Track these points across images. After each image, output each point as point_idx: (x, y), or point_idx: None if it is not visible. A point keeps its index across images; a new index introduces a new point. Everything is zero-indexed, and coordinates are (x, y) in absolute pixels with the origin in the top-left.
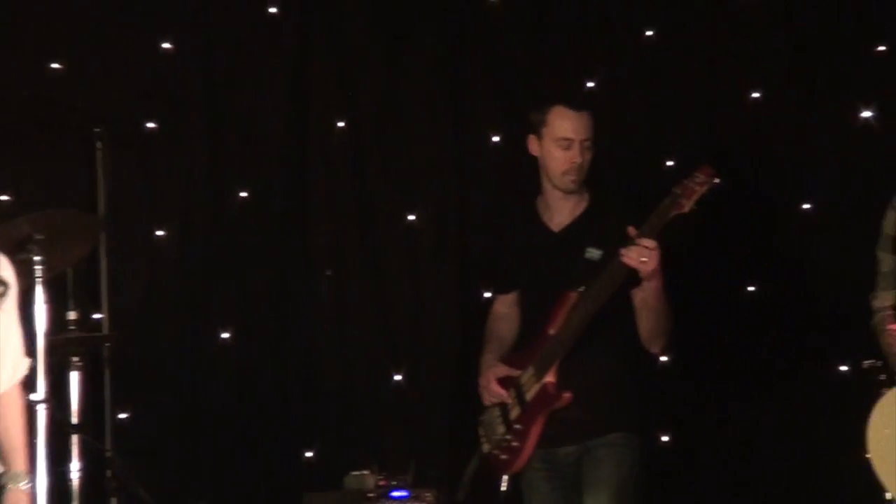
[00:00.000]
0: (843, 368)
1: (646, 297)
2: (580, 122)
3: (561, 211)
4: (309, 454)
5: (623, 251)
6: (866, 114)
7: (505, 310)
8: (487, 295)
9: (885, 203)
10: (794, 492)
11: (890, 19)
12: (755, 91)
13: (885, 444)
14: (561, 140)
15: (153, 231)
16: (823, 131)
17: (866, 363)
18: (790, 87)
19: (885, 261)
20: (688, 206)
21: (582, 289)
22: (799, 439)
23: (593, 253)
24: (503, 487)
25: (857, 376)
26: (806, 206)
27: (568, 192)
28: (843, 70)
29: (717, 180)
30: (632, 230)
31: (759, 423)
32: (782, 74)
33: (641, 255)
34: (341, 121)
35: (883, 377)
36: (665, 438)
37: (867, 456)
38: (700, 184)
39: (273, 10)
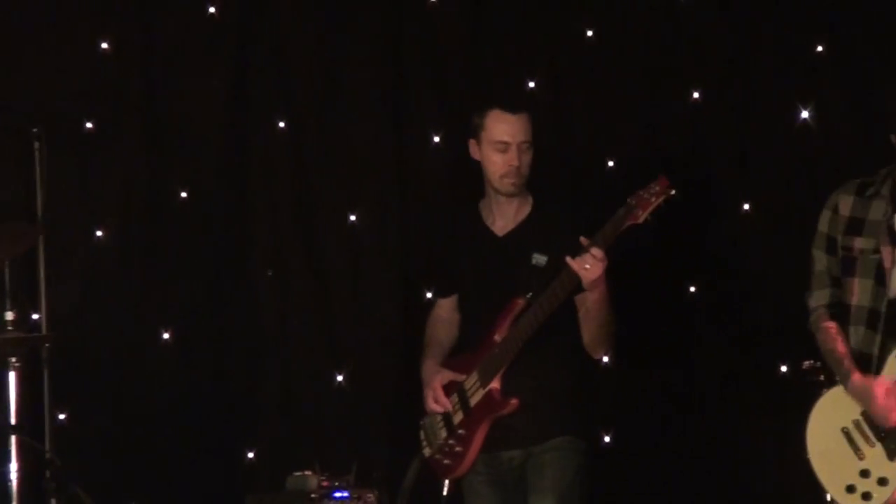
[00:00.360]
0: (784, 369)
1: (589, 306)
2: (517, 125)
3: (504, 215)
4: (250, 455)
5: (569, 259)
6: (805, 114)
7: (445, 314)
8: (429, 296)
9: (824, 203)
10: (736, 492)
11: (828, 20)
12: (695, 91)
13: (824, 445)
14: (498, 143)
15: (92, 231)
16: (763, 132)
17: (806, 364)
18: (730, 87)
19: (820, 259)
20: (643, 217)
21: (529, 295)
22: (740, 440)
23: (539, 259)
24: (445, 492)
25: (796, 377)
26: (746, 206)
27: (509, 196)
28: (781, 71)
29: (672, 192)
30: (584, 240)
31: (701, 423)
32: (722, 75)
33: (586, 262)
34: (281, 121)
35: (822, 378)
36: (607, 439)
37: (807, 457)
38: (656, 195)
39: (212, 10)
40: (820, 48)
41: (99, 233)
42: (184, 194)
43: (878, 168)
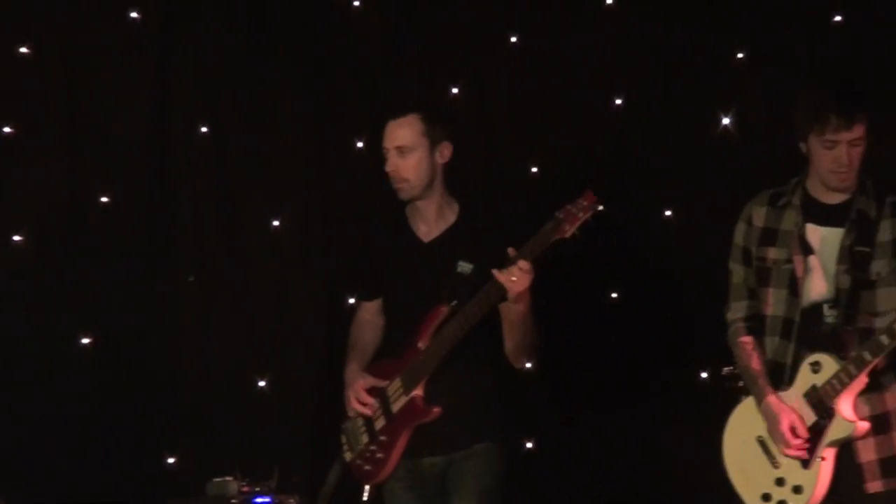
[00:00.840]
0: (704, 375)
1: (513, 317)
2: (393, 130)
3: (427, 220)
4: (171, 460)
5: (496, 271)
6: (725, 121)
7: (369, 317)
8: (352, 301)
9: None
10: (657, 498)
11: (749, 27)
12: (618, 97)
13: (740, 453)
14: (383, 150)
15: (9, 236)
16: (684, 138)
17: (725, 370)
18: (652, 93)
19: (737, 272)
20: (570, 231)
21: (454, 303)
22: (661, 446)
23: (464, 267)
24: (365, 497)
25: (716, 383)
26: (668, 212)
27: (407, 201)
28: (703, 77)
29: (600, 207)
30: (511, 251)
31: (623, 429)
32: (644, 81)
33: (513, 275)
34: (204, 126)
35: (741, 384)
36: (529, 445)
37: (723, 465)
38: (583, 210)
39: (134, 14)
40: (741, 55)
41: (17, 237)
42: (105, 199)
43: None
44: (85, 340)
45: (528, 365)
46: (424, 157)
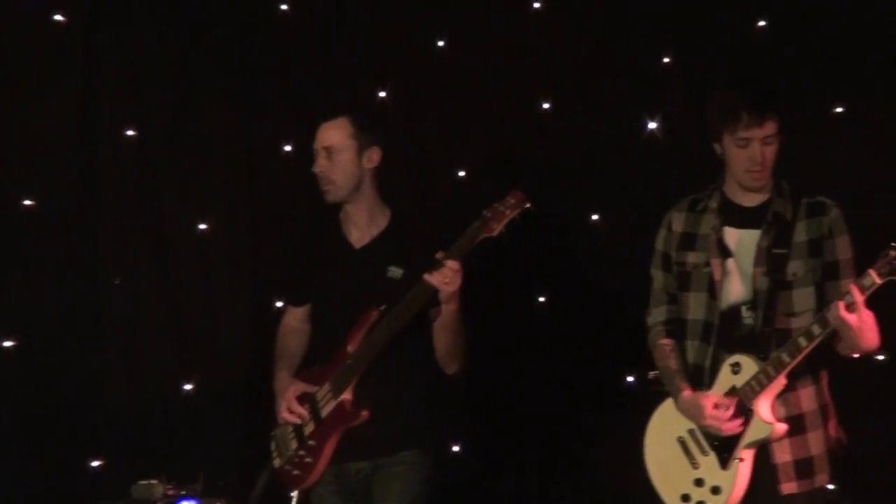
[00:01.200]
0: (630, 379)
1: (444, 319)
2: (322, 132)
3: (358, 226)
4: (96, 463)
5: (427, 275)
6: (652, 125)
7: (296, 324)
8: (279, 305)
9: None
10: (583, 500)
11: (675, 31)
12: (545, 102)
13: (660, 454)
14: (313, 152)
15: None
16: (611, 143)
17: (651, 374)
18: (579, 97)
19: (657, 277)
20: (497, 229)
21: (384, 307)
22: (588, 449)
23: (395, 272)
24: (294, 502)
25: (642, 387)
26: (594, 216)
27: (334, 204)
28: (629, 82)
29: (528, 205)
30: (440, 254)
31: (549, 432)
32: (571, 85)
33: (445, 277)
34: (130, 128)
35: (666, 388)
36: (456, 449)
37: (645, 466)
38: (511, 208)
39: (59, 17)
40: (667, 59)
41: None
42: (28, 202)
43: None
44: (7, 343)
45: (457, 370)
46: (351, 159)
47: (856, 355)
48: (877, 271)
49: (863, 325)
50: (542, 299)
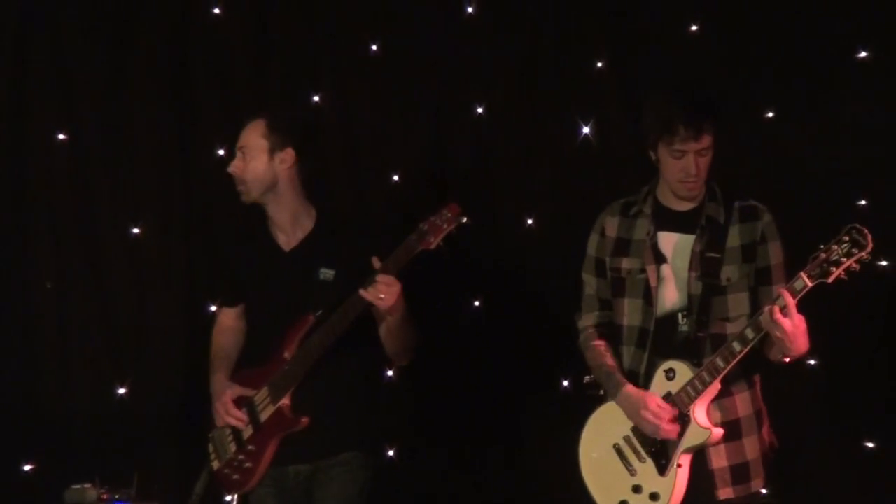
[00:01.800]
0: (565, 383)
1: (388, 326)
2: (242, 131)
3: (283, 228)
4: (27, 467)
5: (362, 290)
6: (585, 130)
7: (230, 322)
8: (213, 308)
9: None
10: (519, 501)
11: (608, 36)
12: (479, 106)
13: (596, 461)
14: None
15: None
16: (545, 147)
17: (586, 378)
18: (513, 102)
19: (590, 283)
20: (434, 242)
21: (319, 312)
22: (523, 453)
23: (326, 273)
24: None
25: (577, 391)
26: (529, 221)
27: (248, 204)
28: (563, 87)
29: (464, 219)
30: (375, 262)
31: (485, 436)
32: (505, 90)
33: (380, 293)
34: (62, 132)
35: (601, 392)
36: (391, 453)
37: (580, 474)
38: (447, 221)
39: None
40: (600, 64)
41: None
42: None
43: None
44: None
45: (391, 373)
46: (263, 161)
47: (787, 360)
48: (807, 274)
49: (795, 330)
50: (476, 303)
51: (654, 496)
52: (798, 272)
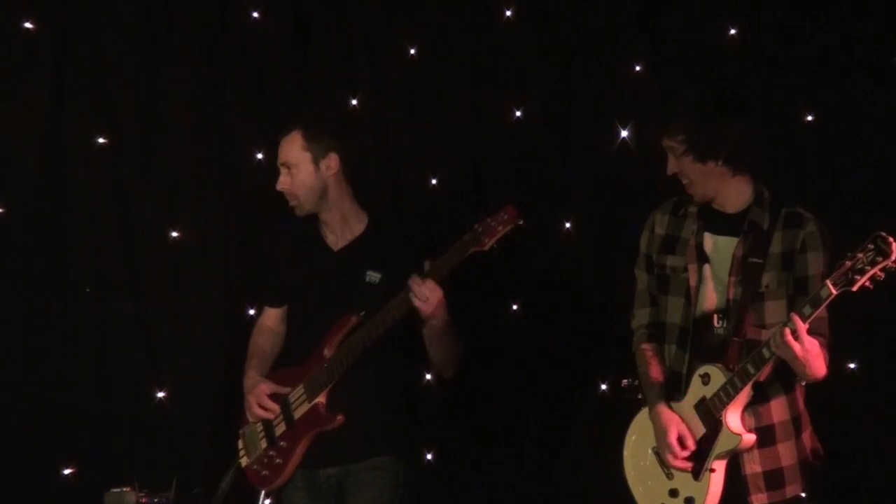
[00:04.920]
0: (603, 387)
1: (431, 332)
2: (280, 147)
3: (334, 231)
4: (68, 471)
5: (409, 293)
6: (624, 133)
7: (271, 324)
8: (252, 312)
9: (643, 222)
10: None
11: (646, 39)
12: (517, 110)
13: (638, 463)
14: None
15: None
16: (583, 151)
17: (624, 382)
18: (551, 106)
19: (641, 278)
20: (488, 244)
21: (362, 313)
22: (561, 456)
23: (373, 276)
24: (261, 503)
25: (615, 395)
26: (567, 224)
27: (300, 215)
28: (601, 90)
29: (521, 222)
30: (428, 262)
31: (525, 440)
32: (543, 94)
33: (422, 298)
34: (101, 136)
35: (640, 396)
36: (430, 457)
37: (623, 475)
38: (503, 224)
39: (28, 24)
40: (639, 68)
41: None
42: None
43: None
44: None
45: (429, 377)
46: (309, 172)
47: (803, 383)
48: (832, 282)
49: (806, 354)
50: (515, 307)
51: (689, 500)
52: (824, 279)
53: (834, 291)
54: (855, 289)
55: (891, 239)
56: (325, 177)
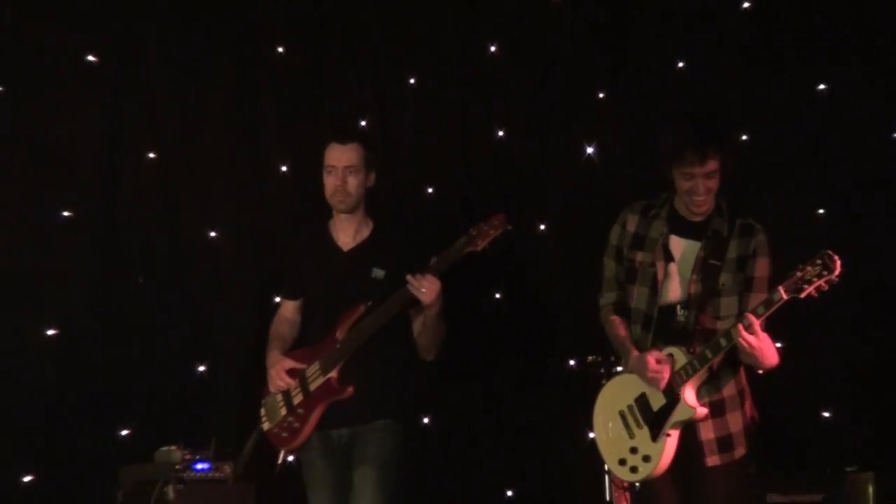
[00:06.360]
0: (572, 363)
1: (425, 320)
2: (342, 152)
3: (346, 233)
4: (124, 432)
5: (410, 284)
6: (589, 150)
7: (289, 314)
8: (277, 300)
9: (608, 226)
10: (533, 465)
11: (608, 72)
12: (500, 130)
13: (605, 424)
14: (328, 167)
15: None
16: (555, 165)
17: (589, 358)
18: (528, 127)
19: (609, 266)
20: (481, 245)
21: (370, 303)
22: (536, 421)
23: (378, 272)
24: (280, 460)
25: (582, 369)
26: (542, 226)
27: (339, 213)
28: (570, 113)
29: (509, 227)
30: (432, 260)
31: (504, 407)
32: (522, 117)
33: (422, 288)
34: (151, 152)
35: (602, 370)
36: (426, 421)
37: (591, 434)
38: (494, 228)
39: (91, 57)
40: (601, 95)
41: None
42: (67, 213)
43: (654, 193)
44: (50, 332)
45: (434, 358)
46: (363, 179)
47: (759, 371)
48: (784, 288)
49: (761, 345)
50: (498, 296)
51: (646, 458)
52: (777, 286)
53: (785, 297)
54: (802, 296)
55: (836, 257)
56: (367, 186)
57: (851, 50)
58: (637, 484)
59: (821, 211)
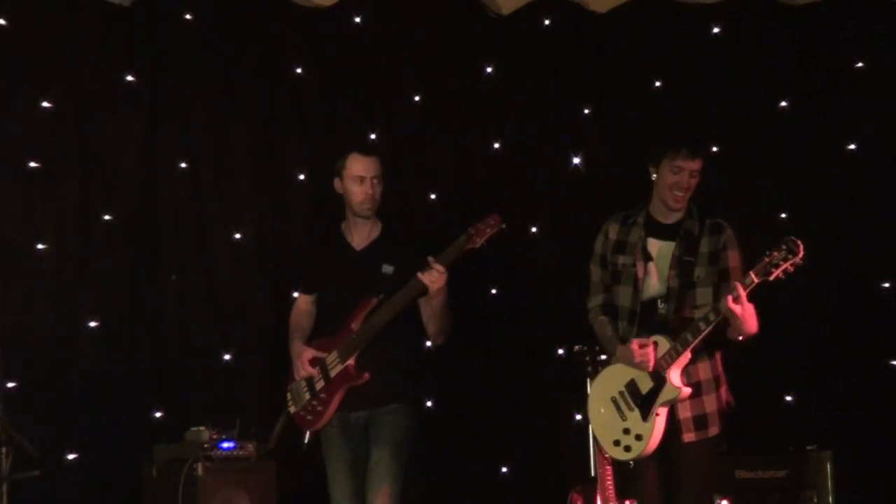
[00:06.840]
0: (560, 352)
1: (433, 308)
2: (370, 164)
3: (359, 234)
4: (158, 414)
5: (419, 273)
6: (576, 160)
7: (306, 307)
8: (295, 295)
9: (593, 229)
10: (524, 447)
11: (594, 90)
12: (496, 142)
13: (600, 409)
14: (356, 178)
15: (35, 244)
16: (546, 173)
17: (576, 348)
18: (521, 139)
19: (595, 272)
20: (479, 243)
21: (382, 296)
22: (528, 405)
23: (387, 269)
24: (306, 440)
25: (569, 358)
26: (533, 229)
27: (365, 218)
28: (559, 127)
29: (504, 226)
30: (431, 258)
31: (499, 392)
32: (515, 130)
33: (432, 277)
34: (183, 162)
35: (587, 359)
36: (430, 404)
37: (588, 417)
38: (491, 227)
39: (130, 77)
40: (587, 111)
41: (41, 246)
42: (108, 217)
43: (631, 201)
44: (92, 323)
45: (430, 343)
46: (382, 187)
47: (741, 338)
48: (754, 273)
49: (745, 313)
50: (494, 291)
51: (638, 437)
52: (748, 271)
53: (756, 280)
54: (771, 279)
55: (799, 242)
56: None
57: (811, 70)
58: (631, 463)
59: (783, 215)
